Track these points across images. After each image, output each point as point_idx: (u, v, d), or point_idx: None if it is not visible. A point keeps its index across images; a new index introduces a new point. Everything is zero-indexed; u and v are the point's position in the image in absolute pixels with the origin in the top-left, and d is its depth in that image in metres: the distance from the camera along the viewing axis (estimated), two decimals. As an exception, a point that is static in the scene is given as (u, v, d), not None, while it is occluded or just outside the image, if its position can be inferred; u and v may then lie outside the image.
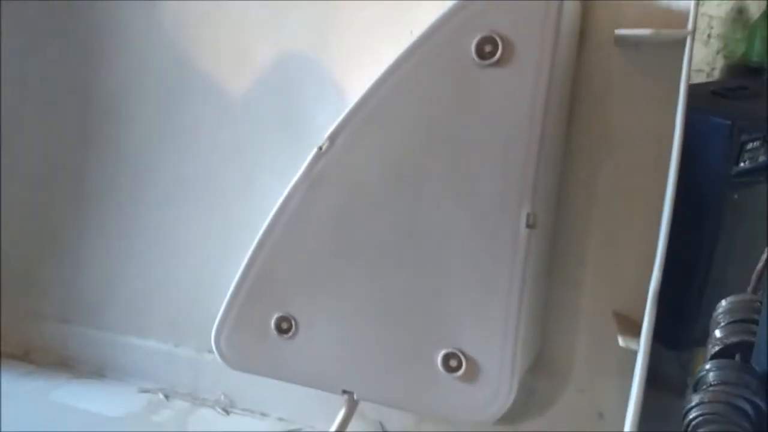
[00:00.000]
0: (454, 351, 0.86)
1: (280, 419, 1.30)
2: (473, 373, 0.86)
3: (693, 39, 0.78)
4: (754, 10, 1.98)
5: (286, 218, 0.99)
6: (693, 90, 1.72)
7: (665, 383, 1.58)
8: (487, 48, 0.81)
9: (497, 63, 0.79)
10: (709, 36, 2.00)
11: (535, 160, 0.81)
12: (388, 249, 0.92)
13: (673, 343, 1.56)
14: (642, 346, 0.80)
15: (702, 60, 2.00)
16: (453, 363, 0.88)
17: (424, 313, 0.90)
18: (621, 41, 0.88)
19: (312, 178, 0.95)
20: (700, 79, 1.98)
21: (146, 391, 1.37)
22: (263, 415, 1.31)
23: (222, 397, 1.33)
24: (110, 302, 1.39)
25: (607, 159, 0.96)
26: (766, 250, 0.95)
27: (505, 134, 0.81)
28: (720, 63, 2.05)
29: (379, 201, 0.92)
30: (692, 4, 0.80)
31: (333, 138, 0.94)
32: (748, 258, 1.47)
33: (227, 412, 1.32)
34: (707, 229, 1.48)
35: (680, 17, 0.86)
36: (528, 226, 0.81)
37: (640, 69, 0.91)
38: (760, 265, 0.93)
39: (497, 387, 0.85)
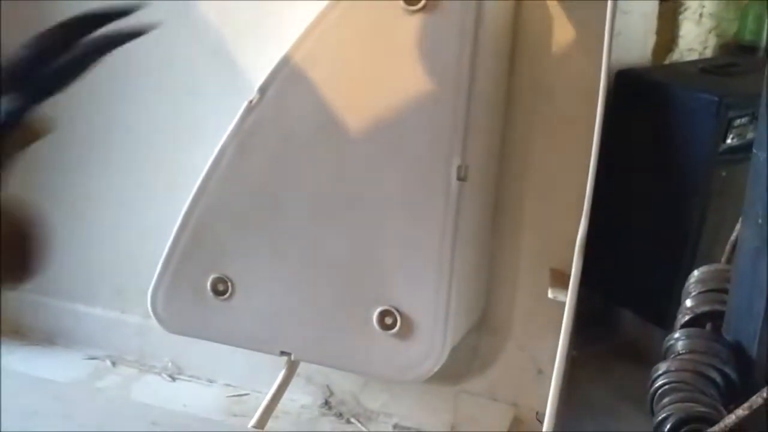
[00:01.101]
0: (390, 308, 0.84)
1: (227, 385, 1.27)
2: (408, 330, 0.83)
3: None
4: (748, -12, 1.93)
5: (218, 176, 0.96)
6: (682, 67, 1.69)
7: (651, 358, 1.55)
8: (412, -7, 0.77)
9: (424, 8, 0.76)
10: (701, 15, 1.95)
11: (465, 109, 0.78)
12: (321, 204, 0.89)
13: (658, 319, 1.53)
14: (569, 296, 0.77)
15: (694, 39, 1.95)
16: (388, 320, 0.85)
17: (359, 271, 0.87)
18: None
19: (242, 133, 0.93)
20: (692, 58, 1.94)
21: (93, 358, 1.34)
22: (210, 381, 1.28)
23: (169, 363, 1.29)
24: (59, 270, 1.35)
25: (545, 112, 0.93)
26: (740, 220, 0.90)
27: (434, 82, 0.78)
28: (712, 42, 2.01)
29: (310, 154, 0.90)
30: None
31: (263, 90, 0.91)
32: None
33: (173, 379, 1.29)
34: (695, 206, 1.45)
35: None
36: (459, 178, 0.78)
37: (575, 19, 0.88)
38: (734, 236, 0.87)
39: (431, 343, 0.82)
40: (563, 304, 0.81)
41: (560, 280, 0.91)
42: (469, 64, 0.77)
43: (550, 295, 0.84)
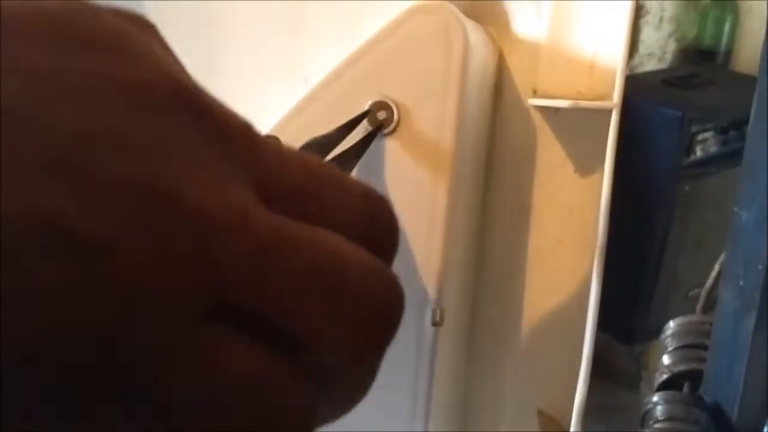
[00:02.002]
0: (355, 468, 0.72)
1: None
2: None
3: (619, 113, 0.65)
4: (707, -8, 1.91)
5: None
6: (643, 79, 1.66)
7: (618, 376, 1.52)
8: (381, 115, 0.66)
9: (393, 132, 0.65)
10: (661, 19, 1.92)
11: (441, 247, 0.67)
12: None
13: (625, 336, 1.51)
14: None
15: (654, 44, 1.93)
16: (357, 480, 0.74)
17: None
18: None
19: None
20: (651, 63, 1.92)
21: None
22: None
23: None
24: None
25: (527, 233, 0.82)
26: (715, 267, 0.83)
27: (406, 215, 0.67)
28: (672, 47, 1.98)
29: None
30: (618, 71, 0.66)
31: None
32: (700, 250, 1.44)
33: None
34: (658, 221, 1.44)
35: (610, 75, 0.72)
36: (434, 324, 0.67)
37: (563, 134, 0.76)
38: (709, 283, 0.86)
39: None
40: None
41: (552, 429, 0.81)
42: (446, 195, 0.64)
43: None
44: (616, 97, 0.62)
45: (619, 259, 1.47)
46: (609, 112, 0.63)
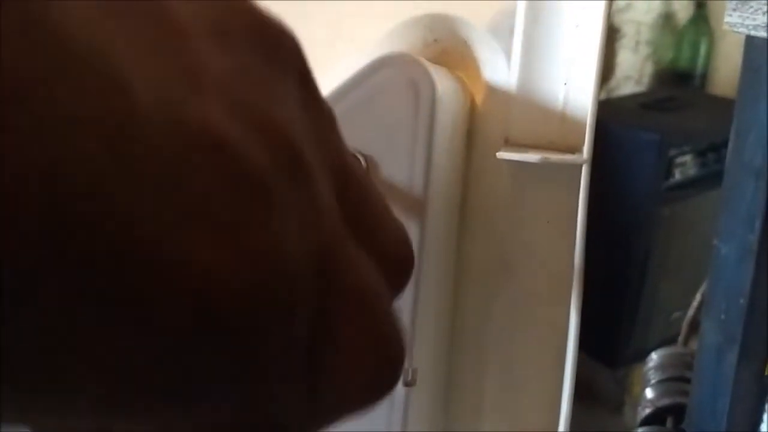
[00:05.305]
0: None
1: None
2: None
3: (590, 167, 0.63)
4: (682, 15, 1.91)
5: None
6: (622, 102, 1.66)
7: (601, 399, 1.51)
8: (348, 168, 0.63)
9: None
10: (637, 42, 1.92)
11: (411, 304, 0.64)
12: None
13: (608, 359, 1.50)
14: None
15: (631, 67, 1.94)
16: None
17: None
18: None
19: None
20: (628, 86, 1.92)
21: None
22: None
23: None
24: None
25: (503, 286, 0.79)
26: (697, 296, 0.83)
27: None
28: (649, 69, 1.98)
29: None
30: (588, 125, 0.64)
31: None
32: (682, 272, 1.44)
33: None
34: (638, 244, 1.44)
35: (582, 125, 0.69)
36: (407, 384, 0.65)
37: (535, 184, 0.74)
38: (690, 313, 0.85)
39: None
40: None
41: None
42: (417, 249, 0.61)
43: None
44: (586, 153, 0.60)
45: (601, 283, 1.47)
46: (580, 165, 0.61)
